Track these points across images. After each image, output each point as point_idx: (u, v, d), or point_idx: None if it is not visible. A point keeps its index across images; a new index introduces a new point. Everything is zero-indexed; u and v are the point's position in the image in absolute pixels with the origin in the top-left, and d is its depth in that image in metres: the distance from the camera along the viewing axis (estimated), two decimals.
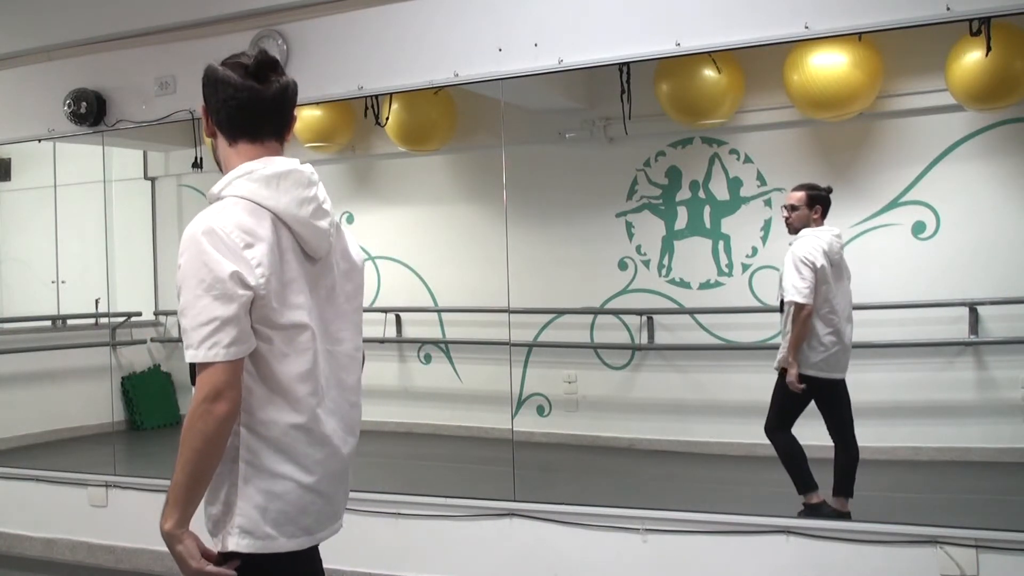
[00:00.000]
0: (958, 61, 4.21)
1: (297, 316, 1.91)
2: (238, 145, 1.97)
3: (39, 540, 4.98)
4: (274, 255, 1.88)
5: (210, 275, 1.80)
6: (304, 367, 1.92)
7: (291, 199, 1.94)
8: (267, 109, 1.97)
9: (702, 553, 3.78)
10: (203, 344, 1.79)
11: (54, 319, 6.25)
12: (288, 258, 1.91)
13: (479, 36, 4.05)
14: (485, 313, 5.66)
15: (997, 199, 4.94)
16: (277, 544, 1.89)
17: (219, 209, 1.88)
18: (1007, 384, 4.87)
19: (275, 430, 1.89)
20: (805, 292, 4.05)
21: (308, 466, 1.93)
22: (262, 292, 1.84)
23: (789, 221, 4.23)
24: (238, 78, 1.93)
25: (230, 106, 1.95)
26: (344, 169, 6.52)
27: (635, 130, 4.78)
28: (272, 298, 1.86)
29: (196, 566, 1.81)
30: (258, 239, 1.86)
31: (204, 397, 1.78)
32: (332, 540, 2.05)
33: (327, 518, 2.00)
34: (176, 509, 1.81)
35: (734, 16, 3.63)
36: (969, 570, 3.36)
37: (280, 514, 1.89)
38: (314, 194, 1.99)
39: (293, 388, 1.91)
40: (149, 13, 4.66)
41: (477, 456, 5.71)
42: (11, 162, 6.25)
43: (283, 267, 1.90)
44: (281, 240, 1.91)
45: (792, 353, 4.08)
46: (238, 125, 1.97)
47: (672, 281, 5.55)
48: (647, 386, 5.68)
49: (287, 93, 1.99)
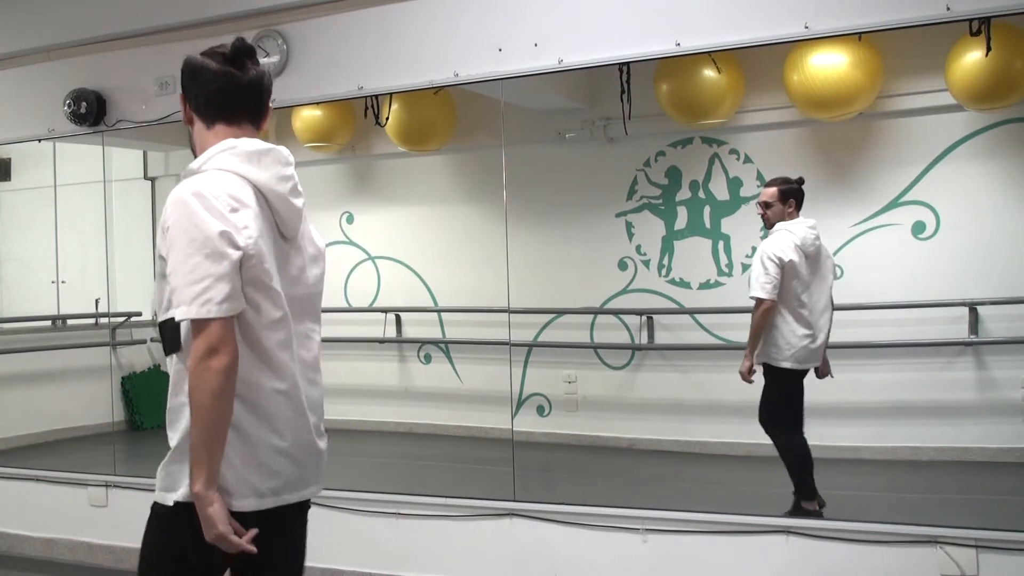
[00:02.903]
0: (958, 61, 4.22)
1: (280, 285, 1.98)
2: (216, 127, 2.05)
3: (39, 540, 4.98)
4: (261, 222, 1.95)
5: (201, 234, 1.85)
6: (284, 335, 1.98)
7: (272, 175, 2.01)
8: (244, 93, 2.05)
9: (702, 553, 3.78)
10: (195, 301, 1.84)
11: (54, 319, 6.25)
12: (268, 231, 1.98)
13: (479, 36, 4.05)
14: (485, 313, 5.65)
15: (997, 199, 4.94)
16: (247, 503, 1.95)
17: (204, 177, 1.95)
18: (1007, 384, 4.87)
19: (260, 394, 1.95)
20: (768, 288, 4.09)
21: (284, 431, 1.99)
22: (251, 252, 1.90)
23: (765, 217, 4.27)
24: (216, 64, 2.03)
25: (209, 90, 2.03)
26: (344, 169, 6.52)
27: (635, 130, 4.78)
28: (264, 259, 1.93)
29: (223, 530, 1.86)
30: (244, 205, 1.93)
31: (201, 355, 1.84)
32: (332, 540, 2.06)
33: (296, 482, 2.05)
34: (201, 470, 1.85)
35: (734, 16, 3.63)
36: (969, 570, 3.36)
37: (253, 475, 1.95)
38: (291, 173, 2.06)
39: (276, 354, 1.97)
40: (149, 13, 4.66)
41: (477, 456, 5.71)
42: (11, 162, 6.25)
43: (266, 237, 1.97)
44: (263, 212, 1.98)
45: (750, 345, 4.13)
46: (216, 108, 2.05)
47: (672, 281, 5.55)
48: (647, 386, 5.69)
49: (263, 81, 2.08)
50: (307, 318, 2.10)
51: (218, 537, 1.86)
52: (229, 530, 1.87)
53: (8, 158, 6.22)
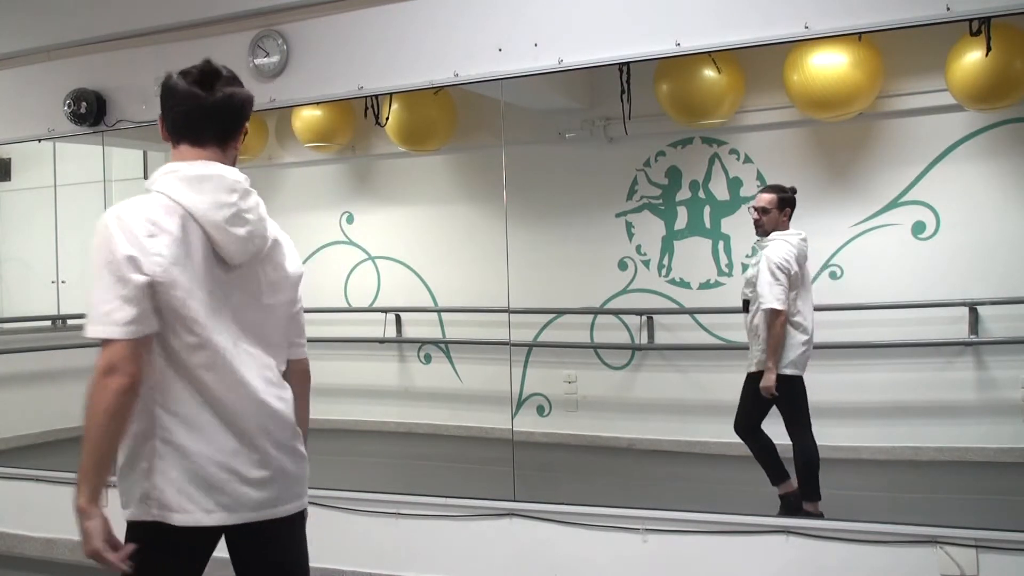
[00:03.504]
0: (958, 61, 4.21)
1: (196, 312, 1.98)
2: (180, 147, 2.09)
3: (39, 540, 4.98)
4: (179, 249, 1.96)
5: (112, 256, 1.92)
6: (206, 358, 2.00)
7: (209, 201, 2.00)
8: (206, 115, 2.06)
9: (702, 553, 3.78)
10: (101, 320, 1.91)
11: (54, 319, 6.24)
12: (196, 258, 1.99)
13: (479, 36, 4.05)
14: (485, 313, 5.65)
15: (997, 199, 4.94)
16: (191, 518, 1.99)
17: (134, 200, 2.00)
18: (1007, 384, 4.87)
19: (191, 410, 1.99)
20: (782, 299, 4.09)
21: (219, 446, 2.00)
22: (160, 279, 1.93)
23: (760, 223, 4.25)
24: (184, 85, 2.06)
25: (176, 111, 2.08)
26: (344, 169, 6.52)
27: (635, 130, 4.78)
28: (175, 288, 1.95)
29: (97, 546, 1.92)
30: (162, 231, 1.95)
31: (100, 371, 1.91)
32: (332, 540, 2.06)
33: (253, 501, 2.05)
34: (86, 484, 1.94)
35: (734, 16, 3.63)
36: (969, 570, 3.36)
37: (196, 490, 1.98)
38: (234, 200, 2.03)
39: (202, 375, 2.00)
40: (149, 13, 4.66)
41: (477, 456, 5.71)
42: (11, 162, 6.25)
43: (188, 264, 1.97)
44: (190, 238, 1.98)
45: (772, 359, 4.10)
46: (181, 128, 2.08)
47: (672, 281, 5.55)
48: (647, 386, 5.68)
49: (232, 102, 2.08)
50: (259, 343, 2.09)
51: (92, 552, 1.93)
52: (104, 547, 1.92)
53: (8, 158, 6.22)
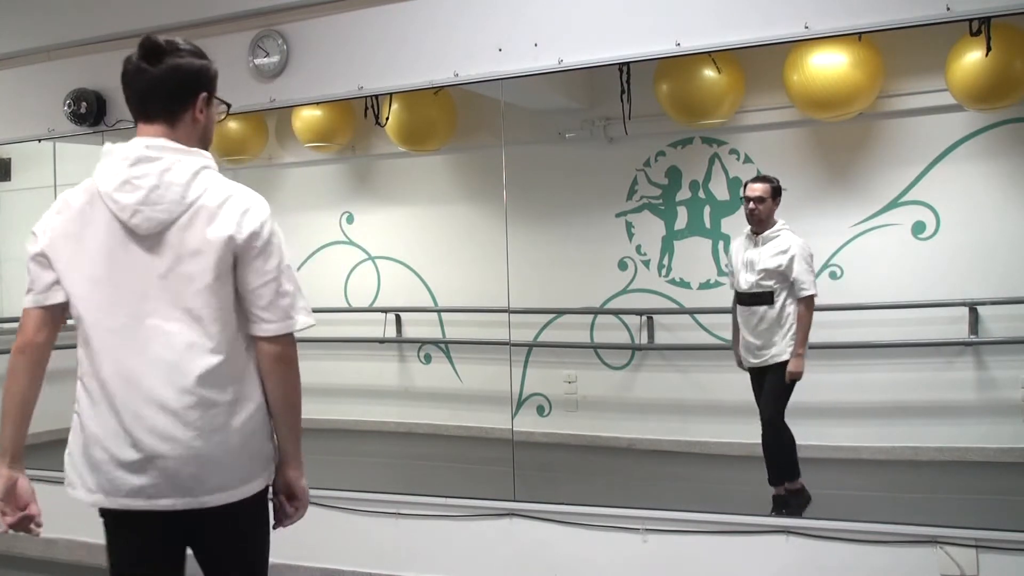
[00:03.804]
0: (958, 61, 4.21)
1: (78, 286, 2.03)
2: (138, 126, 2.10)
3: (39, 540, 4.97)
4: (73, 223, 2.02)
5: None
6: (83, 334, 2.06)
7: (107, 175, 2.04)
8: (150, 89, 2.05)
9: (702, 553, 3.78)
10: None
11: None
12: (94, 231, 2.02)
13: (479, 36, 4.05)
14: (485, 313, 5.65)
15: (997, 199, 4.93)
16: (78, 493, 2.07)
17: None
18: (1007, 384, 4.87)
19: (90, 384, 2.05)
20: (815, 284, 4.25)
21: (104, 425, 2.03)
22: (46, 252, 2.06)
23: (756, 212, 4.29)
24: (133, 62, 2.06)
25: (127, 90, 2.09)
26: (344, 169, 6.52)
27: (635, 130, 4.78)
28: (58, 260, 2.04)
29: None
30: (66, 207, 2.05)
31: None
32: (332, 540, 2.06)
33: (128, 487, 2.02)
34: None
35: (734, 16, 3.63)
36: (969, 570, 3.36)
37: (79, 464, 2.06)
38: (123, 168, 2.02)
39: (85, 348, 2.06)
40: (149, 13, 4.65)
41: (477, 456, 5.71)
42: (11, 162, 6.25)
43: (83, 237, 2.02)
44: (94, 212, 2.02)
45: (805, 345, 4.18)
46: (131, 106, 2.10)
47: (672, 281, 5.55)
48: (647, 386, 5.68)
49: (176, 74, 2.05)
50: (181, 317, 1.99)
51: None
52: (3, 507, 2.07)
53: (8, 158, 6.22)
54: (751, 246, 4.32)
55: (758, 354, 4.29)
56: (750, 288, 4.32)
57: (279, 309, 2.04)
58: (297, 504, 2.16)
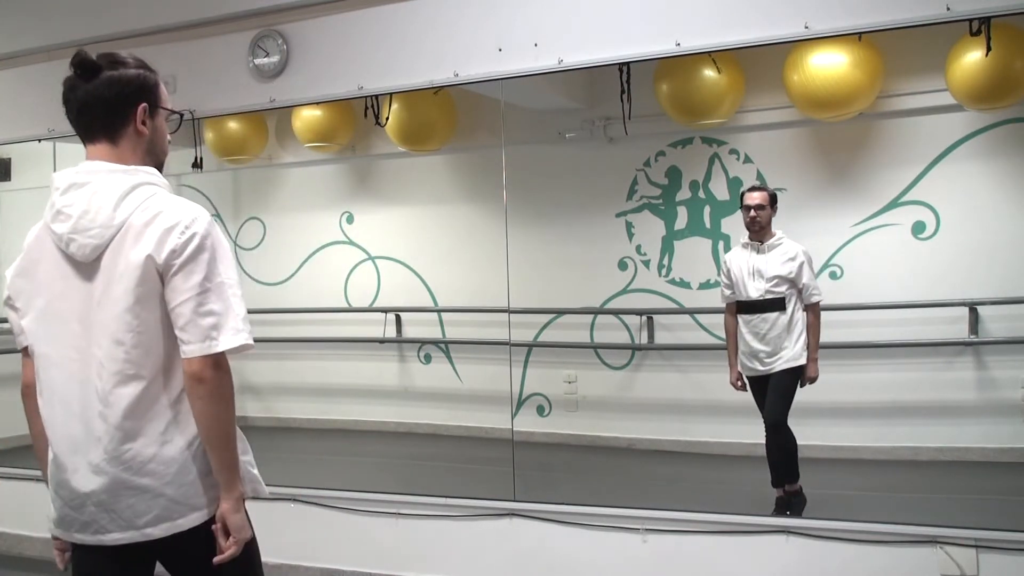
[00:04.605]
0: (958, 61, 4.21)
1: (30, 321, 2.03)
2: (86, 149, 2.01)
3: (39, 540, 4.97)
4: (26, 262, 2.04)
5: None
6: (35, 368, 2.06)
7: (48, 206, 2.00)
8: (86, 107, 1.96)
9: (702, 553, 3.78)
10: None
11: None
12: (44, 266, 2.00)
13: (479, 36, 4.05)
14: (485, 313, 5.66)
15: (997, 199, 4.94)
16: (49, 524, 2.06)
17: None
18: (1007, 384, 4.87)
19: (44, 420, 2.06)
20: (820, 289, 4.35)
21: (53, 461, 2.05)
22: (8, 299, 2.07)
23: (757, 220, 4.29)
24: (67, 79, 1.95)
25: (64, 107, 1.99)
26: (344, 169, 6.52)
27: (635, 130, 4.77)
28: (19, 299, 2.05)
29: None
30: (26, 245, 2.06)
31: None
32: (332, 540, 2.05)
33: (76, 521, 2.00)
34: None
35: (734, 16, 3.63)
36: (969, 570, 3.36)
37: (51, 495, 2.05)
38: (55, 199, 1.97)
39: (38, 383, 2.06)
40: (149, 13, 4.66)
41: (477, 456, 5.70)
42: (11, 162, 6.25)
43: (36, 272, 2.02)
44: (43, 245, 2.01)
45: (817, 349, 4.25)
46: (75, 129, 1.99)
47: (672, 281, 5.55)
48: (647, 386, 5.69)
49: (113, 86, 1.94)
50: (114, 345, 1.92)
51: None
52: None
53: (8, 158, 6.22)
54: (755, 254, 4.31)
55: (766, 362, 4.27)
56: (761, 295, 4.29)
57: (198, 329, 1.89)
58: (233, 539, 1.98)
